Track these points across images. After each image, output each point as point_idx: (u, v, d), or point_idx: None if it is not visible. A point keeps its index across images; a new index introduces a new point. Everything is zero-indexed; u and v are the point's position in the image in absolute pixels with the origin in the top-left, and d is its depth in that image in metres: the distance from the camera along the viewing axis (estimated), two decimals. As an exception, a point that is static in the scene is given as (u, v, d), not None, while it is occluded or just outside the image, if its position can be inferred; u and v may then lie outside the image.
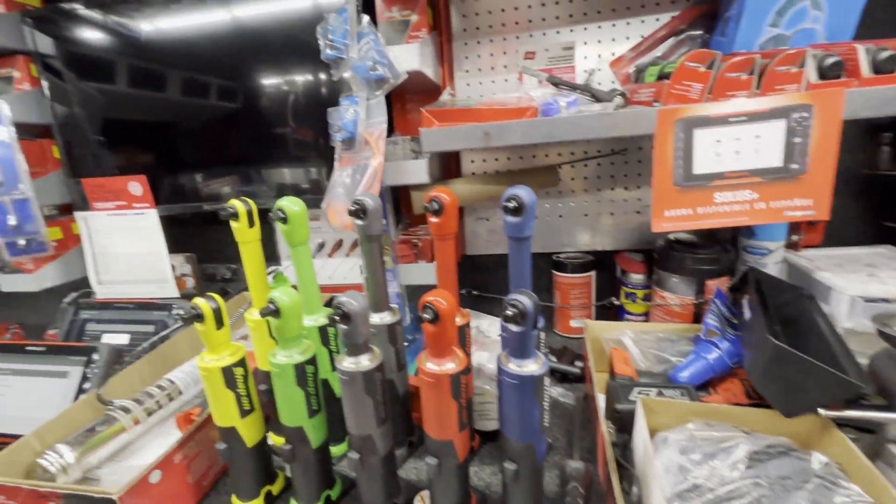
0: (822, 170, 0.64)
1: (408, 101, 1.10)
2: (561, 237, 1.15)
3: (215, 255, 1.35)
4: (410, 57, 0.83)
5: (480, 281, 1.22)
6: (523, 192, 0.56)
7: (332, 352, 0.71)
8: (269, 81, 1.06)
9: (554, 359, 0.96)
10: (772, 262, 0.96)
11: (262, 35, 1.03)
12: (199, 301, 0.57)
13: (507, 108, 0.71)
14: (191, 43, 1.09)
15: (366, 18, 0.83)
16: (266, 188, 1.15)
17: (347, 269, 1.17)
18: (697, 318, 0.92)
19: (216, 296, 0.59)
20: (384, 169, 0.88)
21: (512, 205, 0.55)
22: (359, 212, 0.62)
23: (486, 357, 0.79)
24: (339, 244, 1.25)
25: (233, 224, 0.67)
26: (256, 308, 0.74)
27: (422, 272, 0.97)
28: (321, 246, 1.24)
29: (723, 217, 0.68)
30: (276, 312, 0.55)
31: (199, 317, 0.57)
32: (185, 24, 1.08)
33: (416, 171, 0.88)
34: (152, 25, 1.10)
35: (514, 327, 0.48)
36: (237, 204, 0.67)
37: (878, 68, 0.60)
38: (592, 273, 1.08)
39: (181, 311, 1.08)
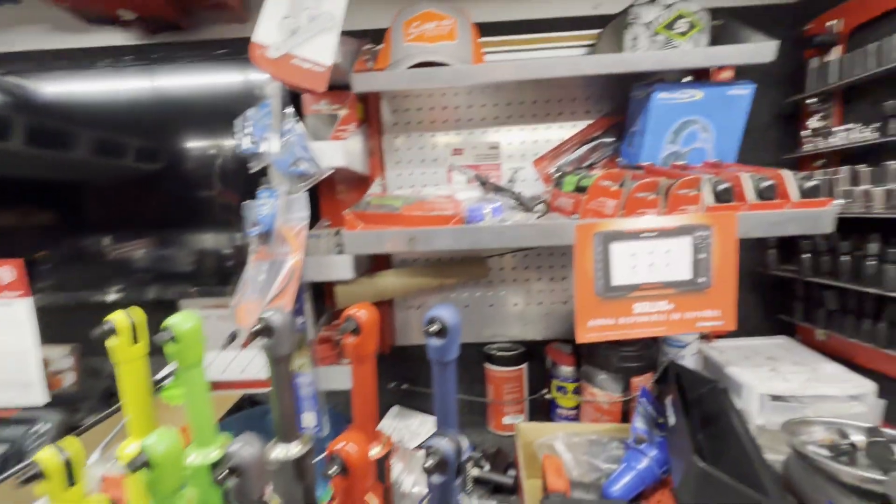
0: (725, 284, 0.68)
1: (337, 187, 1.07)
2: (492, 327, 1.13)
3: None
4: (335, 153, 0.81)
5: (412, 373, 1.16)
6: (447, 314, 0.53)
7: (227, 492, 0.60)
8: (193, 150, 0.99)
9: (487, 465, 0.90)
10: (689, 353, 1.00)
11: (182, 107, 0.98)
12: (44, 455, 0.45)
13: (432, 215, 0.70)
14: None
15: (290, 111, 0.81)
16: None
17: (246, 362, 1.05)
18: (626, 415, 0.91)
19: (71, 441, 0.48)
20: (305, 264, 0.82)
21: (434, 327, 0.52)
22: (264, 331, 0.55)
23: (406, 478, 0.72)
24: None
25: (110, 343, 0.57)
26: (136, 438, 0.61)
27: (345, 376, 0.88)
28: (233, 337, 1.11)
29: (643, 327, 0.69)
30: (146, 465, 0.45)
31: (37, 476, 0.45)
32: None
33: (340, 267, 0.83)
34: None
35: (434, 478, 0.43)
36: (118, 318, 0.57)
37: (761, 195, 0.67)
38: (524, 366, 1.06)
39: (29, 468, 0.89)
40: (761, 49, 0.78)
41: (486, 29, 1.05)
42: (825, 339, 0.94)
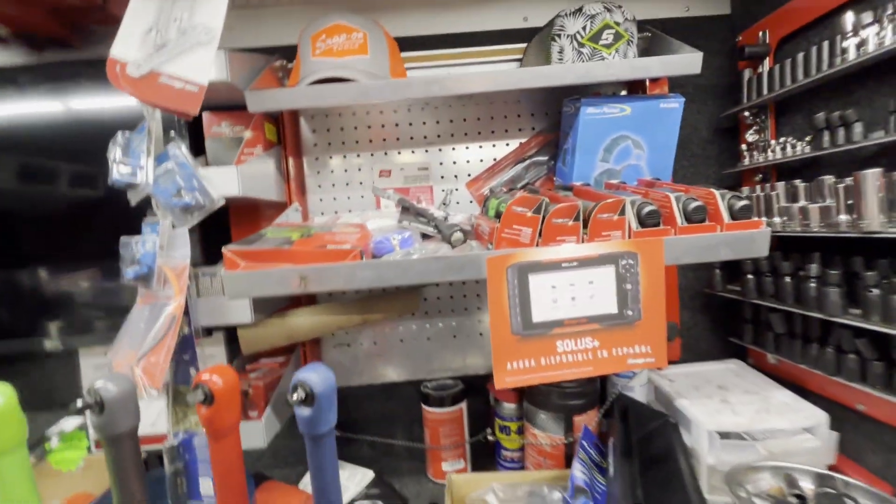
0: (654, 317, 0.61)
1: (257, 214, 0.97)
2: (430, 362, 1.04)
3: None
4: (228, 181, 0.72)
5: (345, 416, 1.05)
6: (315, 377, 0.44)
7: None
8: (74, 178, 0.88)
9: (416, 526, 0.80)
10: (638, 384, 0.92)
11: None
12: None
13: (327, 250, 0.61)
14: None
15: (173, 135, 0.71)
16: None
17: (154, 415, 0.93)
18: (570, 458, 0.83)
19: None
20: (197, 307, 0.72)
21: (298, 396, 0.42)
22: (93, 405, 0.44)
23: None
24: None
25: None
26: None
27: (257, 432, 0.77)
28: (81, 408, 0.99)
29: (567, 368, 0.61)
30: None
31: None
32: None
33: (237, 309, 0.73)
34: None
35: None
36: None
37: (689, 217, 0.61)
38: (463, 405, 0.97)
39: None
40: (688, 61, 0.73)
41: (410, 43, 0.98)
42: (776, 363, 0.89)
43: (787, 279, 0.76)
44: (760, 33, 0.90)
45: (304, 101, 0.74)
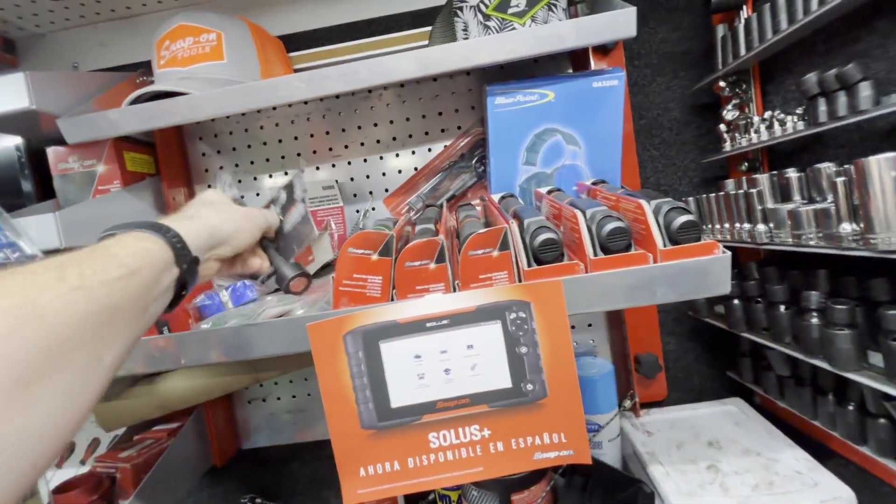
0: (565, 392, 0.42)
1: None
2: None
3: None
4: (48, 229, 0.58)
5: (266, 481, 0.90)
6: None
7: None
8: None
9: None
10: (606, 438, 0.73)
11: None
12: None
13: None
14: None
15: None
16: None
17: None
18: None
19: None
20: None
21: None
22: None
23: None
24: (94, 444, 0.89)
25: None
26: None
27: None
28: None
29: (447, 469, 0.43)
30: None
31: None
32: None
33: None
34: None
35: None
36: None
37: (604, 246, 0.42)
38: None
39: None
40: (614, 21, 0.53)
41: (304, 39, 0.82)
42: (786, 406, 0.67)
43: (783, 309, 0.55)
44: (736, -24, 0.69)
45: (129, 125, 0.59)
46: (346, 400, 0.43)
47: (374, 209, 0.84)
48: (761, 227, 0.55)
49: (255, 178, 0.85)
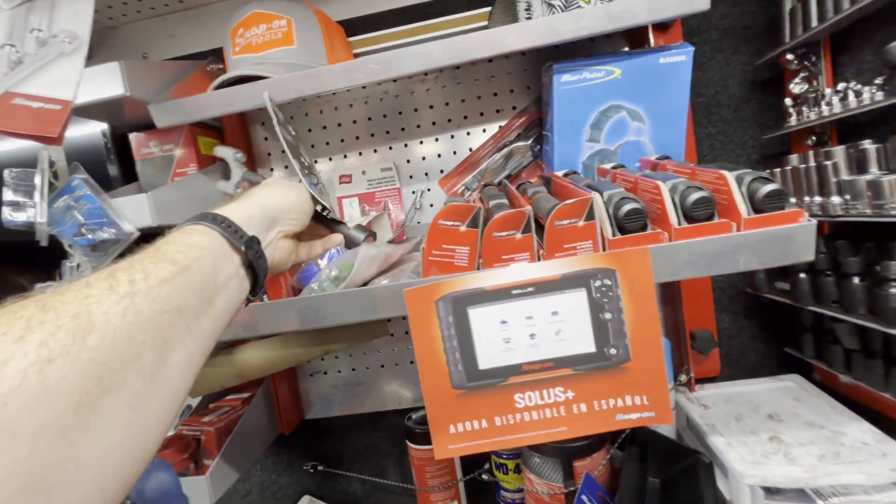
0: (648, 355, 0.44)
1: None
2: (417, 388, 0.92)
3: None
4: (139, 210, 0.63)
5: (328, 450, 0.95)
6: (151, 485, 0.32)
7: None
8: None
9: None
10: (662, 412, 0.74)
11: None
12: None
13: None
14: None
15: (75, 166, 0.63)
16: None
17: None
18: (575, 511, 0.67)
19: None
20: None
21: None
22: None
23: None
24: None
25: None
26: None
27: (204, 490, 0.68)
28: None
29: (532, 429, 0.46)
30: None
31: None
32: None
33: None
34: None
35: None
36: None
37: (691, 214, 0.43)
38: (451, 440, 0.84)
39: None
40: (688, -6, 0.53)
41: (362, 24, 0.85)
42: (852, 384, 0.67)
43: (856, 281, 0.55)
44: (805, -55, 0.67)
45: (214, 108, 0.63)
46: (438, 361, 0.46)
47: (429, 190, 0.87)
48: (836, 199, 0.55)
49: (315, 161, 0.88)
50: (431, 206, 0.87)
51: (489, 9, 0.79)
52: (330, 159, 0.88)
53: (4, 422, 0.19)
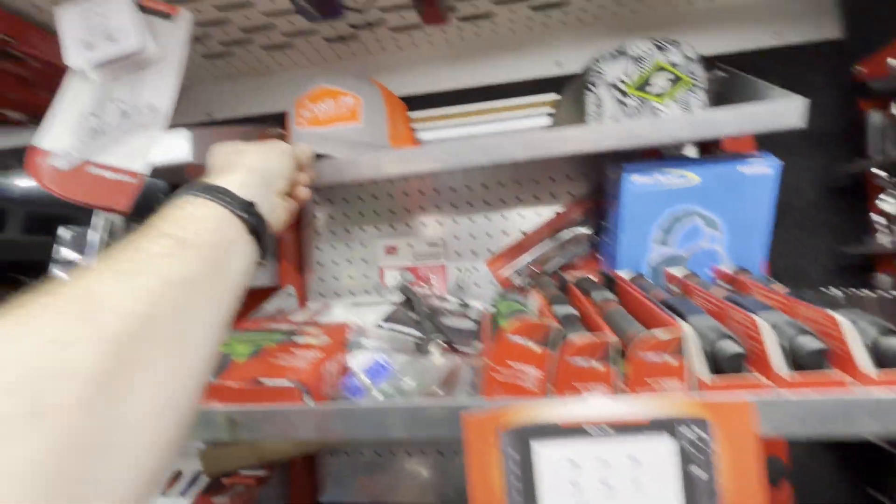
0: (747, 528, 0.37)
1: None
2: (447, 479, 0.84)
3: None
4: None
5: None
6: None
7: None
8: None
9: None
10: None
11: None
12: None
13: (260, 389, 0.46)
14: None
15: (133, 229, 0.62)
16: None
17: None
18: None
19: None
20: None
21: None
22: None
23: None
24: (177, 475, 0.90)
25: None
26: None
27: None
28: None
29: None
30: None
31: None
32: None
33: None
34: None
35: None
36: None
37: (802, 362, 0.38)
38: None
39: None
40: (781, 110, 0.51)
41: (421, 102, 0.85)
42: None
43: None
44: (890, 61, 0.65)
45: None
46: (495, 500, 0.40)
47: (476, 269, 0.83)
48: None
49: (362, 229, 0.87)
50: (477, 286, 0.83)
51: (552, 96, 0.79)
52: (377, 228, 0.86)
53: (27, 405, 0.20)
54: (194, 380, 0.28)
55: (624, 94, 0.62)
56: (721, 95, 0.67)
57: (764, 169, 0.57)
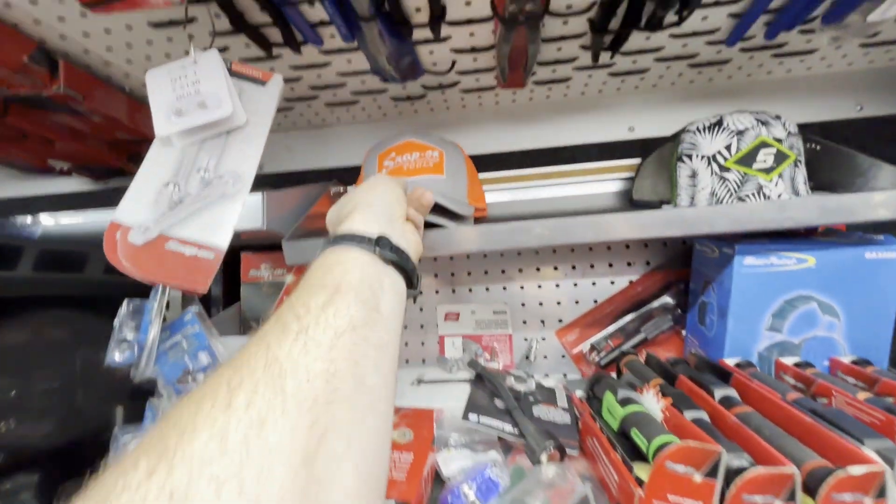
0: None
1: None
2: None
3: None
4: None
5: None
6: None
7: None
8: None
9: None
10: None
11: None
12: None
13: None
14: None
15: (190, 300, 0.57)
16: None
17: None
18: None
19: None
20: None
21: None
22: None
23: None
24: None
25: None
26: None
27: None
28: None
29: None
30: None
31: None
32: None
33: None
34: None
35: None
36: None
37: None
38: None
39: None
40: (918, 198, 0.47)
41: (491, 162, 0.83)
42: None
43: None
44: None
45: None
46: None
47: (544, 339, 0.78)
48: None
49: (420, 292, 0.82)
50: (545, 357, 0.77)
51: (630, 161, 0.76)
52: (437, 292, 0.81)
53: (247, 499, 0.19)
54: (384, 431, 0.27)
55: (724, 168, 0.59)
56: (809, 165, 0.64)
57: (889, 253, 0.53)
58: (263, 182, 0.90)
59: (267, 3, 0.49)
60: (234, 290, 0.71)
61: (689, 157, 0.62)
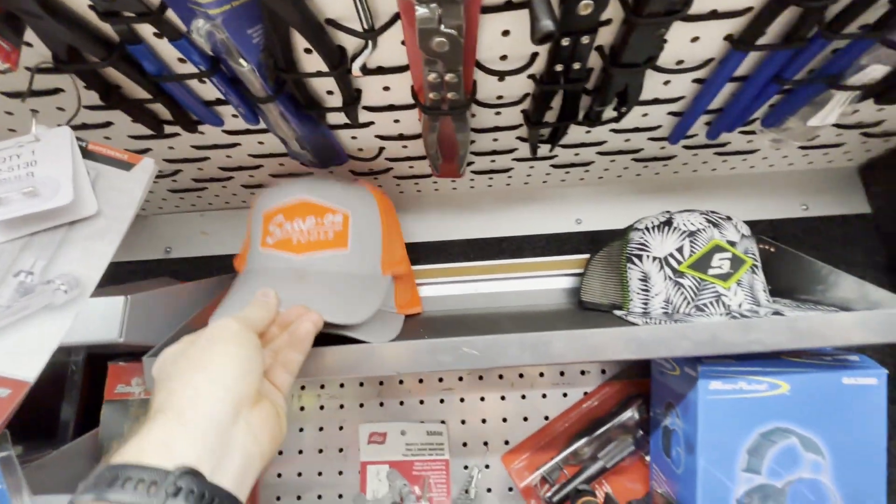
0: None
1: None
2: None
3: None
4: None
5: None
6: None
7: None
8: None
9: None
10: None
11: None
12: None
13: None
14: None
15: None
16: None
17: None
18: None
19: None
20: None
21: None
22: None
23: None
24: None
25: None
26: None
27: None
28: None
29: None
30: None
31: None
32: None
33: None
34: None
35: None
36: None
37: None
38: None
39: None
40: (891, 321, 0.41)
41: (427, 250, 0.74)
42: None
43: None
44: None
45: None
46: None
47: (487, 467, 0.65)
48: None
49: (342, 406, 0.68)
50: (489, 491, 0.64)
51: (580, 256, 0.69)
52: (361, 405, 0.68)
53: None
54: None
55: (678, 272, 0.53)
56: (769, 269, 0.59)
57: (868, 379, 0.46)
58: (168, 268, 0.78)
59: (142, 78, 0.41)
60: (96, 411, 0.55)
61: (640, 257, 0.56)
